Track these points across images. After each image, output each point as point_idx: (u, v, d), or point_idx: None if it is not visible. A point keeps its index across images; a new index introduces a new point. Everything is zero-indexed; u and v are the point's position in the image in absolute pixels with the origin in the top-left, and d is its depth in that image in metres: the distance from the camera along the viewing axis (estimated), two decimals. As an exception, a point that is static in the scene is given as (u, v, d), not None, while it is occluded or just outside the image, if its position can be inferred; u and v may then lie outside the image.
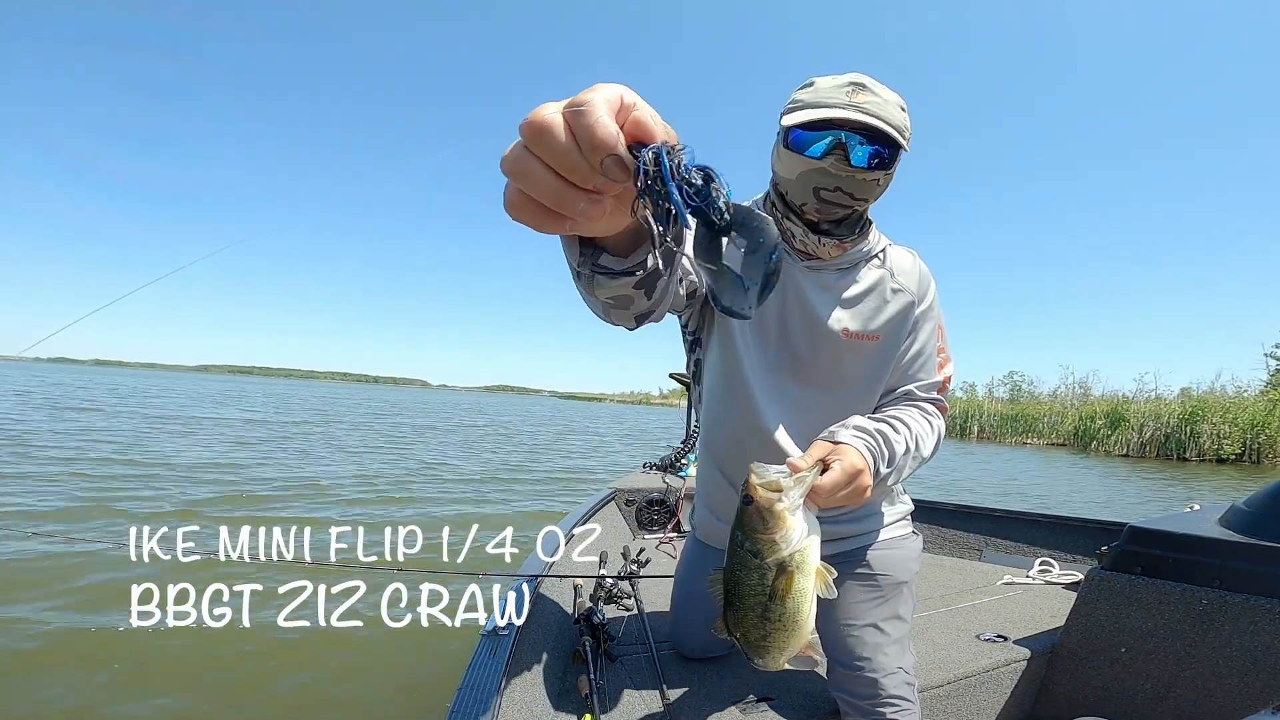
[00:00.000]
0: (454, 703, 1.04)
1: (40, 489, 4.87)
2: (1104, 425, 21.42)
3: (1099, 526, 2.36)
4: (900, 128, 0.98)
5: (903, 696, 1.13)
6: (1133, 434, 20.06)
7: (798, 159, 1.01)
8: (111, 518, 4.23)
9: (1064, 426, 23.68)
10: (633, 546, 2.21)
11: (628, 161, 0.36)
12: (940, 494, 3.99)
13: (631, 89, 0.37)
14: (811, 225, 1.09)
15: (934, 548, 2.71)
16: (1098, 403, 24.64)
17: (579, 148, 0.36)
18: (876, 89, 0.99)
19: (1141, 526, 1.50)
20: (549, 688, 1.25)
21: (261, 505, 4.97)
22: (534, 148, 0.37)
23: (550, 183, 0.38)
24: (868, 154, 0.97)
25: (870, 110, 0.96)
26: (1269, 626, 1.26)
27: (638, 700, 1.27)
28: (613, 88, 0.37)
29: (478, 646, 1.25)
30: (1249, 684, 1.27)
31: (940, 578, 2.27)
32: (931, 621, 1.77)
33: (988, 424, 26.59)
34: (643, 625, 1.51)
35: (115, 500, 4.68)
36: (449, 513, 5.25)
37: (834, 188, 1.01)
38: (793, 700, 1.31)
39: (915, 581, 1.29)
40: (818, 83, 1.02)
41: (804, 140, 0.99)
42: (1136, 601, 1.43)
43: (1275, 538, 1.32)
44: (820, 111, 0.97)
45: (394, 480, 6.74)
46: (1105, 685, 1.47)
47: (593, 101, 0.36)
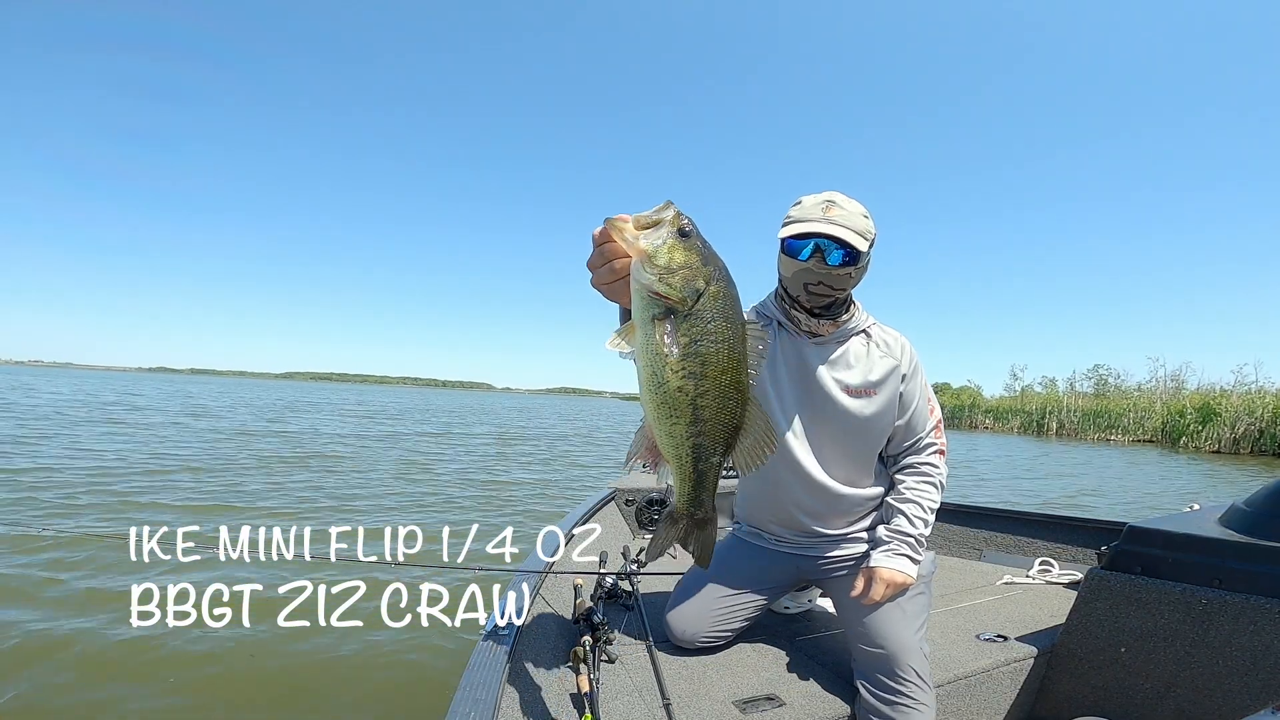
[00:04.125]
0: (454, 703, 1.04)
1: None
2: (1194, 420, 19.90)
3: (1099, 526, 2.35)
4: (862, 232, 1.30)
5: (922, 679, 1.28)
6: (1225, 429, 18.68)
7: (791, 262, 1.34)
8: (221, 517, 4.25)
9: (1151, 422, 22.15)
10: (633, 546, 2.21)
11: None
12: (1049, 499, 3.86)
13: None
14: (809, 311, 1.40)
15: (934, 547, 2.71)
16: (1190, 397, 22.84)
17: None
18: (844, 204, 1.32)
19: (1141, 526, 1.49)
20: (549, 687, 1.25)
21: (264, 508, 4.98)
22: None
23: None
24: (840, 256, 1.30)
25: (839, 221, 1.29)
26: (1269, 626, 1.25)
27: (637, 699, 1.26)
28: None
29: (478, 646, 1.25)
30: (1249, 684, 1.27)
31: (940, 578, 2.26)
32: (931, 621, 1.77)
33: (1067, 420, 25.03)
34: (642, 624, 1.51)
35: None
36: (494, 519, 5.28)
37: (818, 281, 1.34)
38: (792, 700, 1.31)
39: (931, 589, 1.49)
40: (803, 201, 1.35)
41: (794, 248, 1.32)
42: (1136, 601, 1.43)
43: (1275, 538, 1.32)
44: (803, 225, 1.30)
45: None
46: (1105, 685, 1.47)
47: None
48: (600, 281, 0.87)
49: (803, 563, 1.54)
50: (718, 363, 0.79)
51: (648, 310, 0.79)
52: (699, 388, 0.79)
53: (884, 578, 1.35)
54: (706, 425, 0.81)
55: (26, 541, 3.48)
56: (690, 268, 0.77)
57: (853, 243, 1.28)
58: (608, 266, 0.84)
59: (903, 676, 1.27)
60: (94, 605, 2.74)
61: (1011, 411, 28.89)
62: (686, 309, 0.78)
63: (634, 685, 1.32)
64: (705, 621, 1.50)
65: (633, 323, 0.81)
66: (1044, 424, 25.63)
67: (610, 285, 0.86)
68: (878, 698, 1.27)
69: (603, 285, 0.88)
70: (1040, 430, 25.52)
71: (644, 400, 0.83)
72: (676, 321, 0.78)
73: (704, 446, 0.83)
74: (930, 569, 1.48)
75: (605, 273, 0.85)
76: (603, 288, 0.88)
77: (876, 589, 1.35)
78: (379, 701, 2.16)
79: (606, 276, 0.85)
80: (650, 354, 0.80)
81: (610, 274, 0.85)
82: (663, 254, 0.77)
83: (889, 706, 1.25)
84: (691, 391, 0.79)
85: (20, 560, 3.24)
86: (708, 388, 0.79)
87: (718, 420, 0.81)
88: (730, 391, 0.81)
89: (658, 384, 0.80)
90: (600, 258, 0.85)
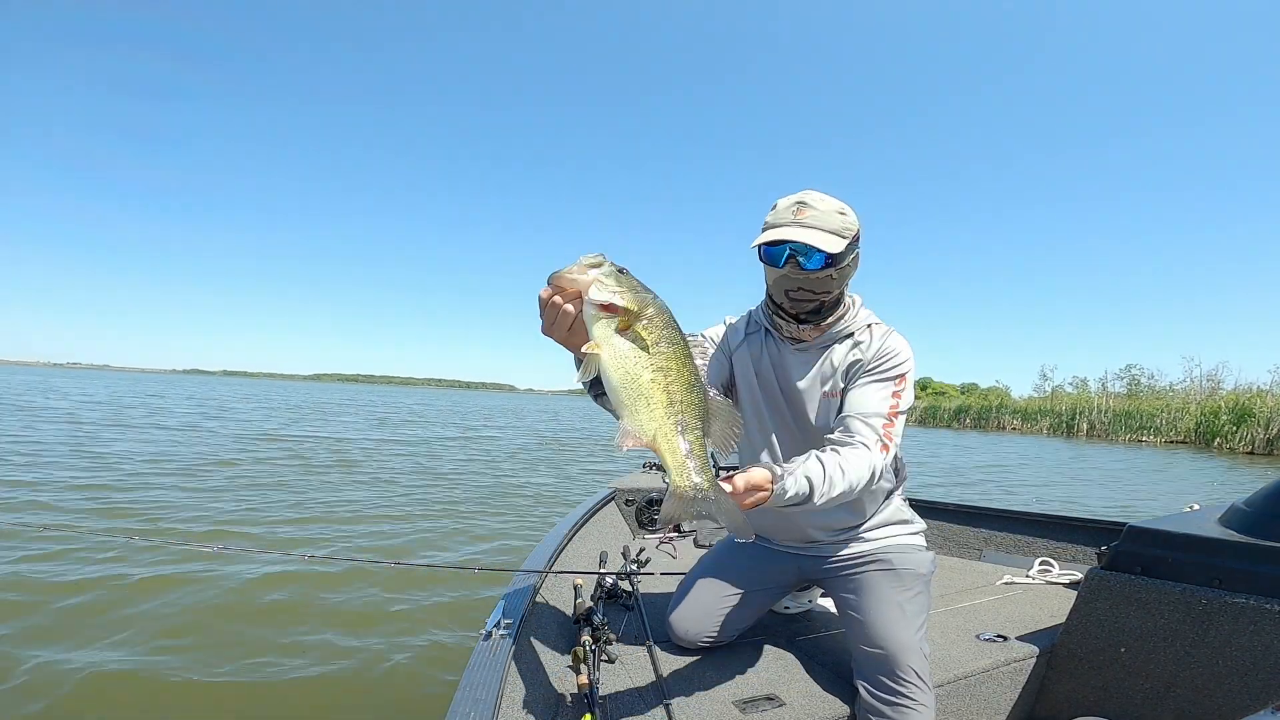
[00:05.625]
0: (454, 703, 1.04)
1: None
2: (1228, 421, 19.25)
3: (1099, 526, 2.35)
4: (838, 231, 1.25)
5: (921, 678, 1.26)
6: (1259, 430, 18.03)
7: (770, 270, 1.33)
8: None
9: (1184, 422, 21.38)
10: (633, 546, 2.21)
11: None
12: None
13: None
14: (795, 317, 1.37)
15: (934, 547, 2.69)
16: (1226, 397, 22.05)
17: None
18: (817, 203, 1.26)
19: (1141, 526, 1.49)
20: (549, 687, 1.25)
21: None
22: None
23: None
24: (818, 260, 1.25)
25: (811, 224, 1.24)
26: (1269, 626, 1.25)
27: (637, 699, 1.27)
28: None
29: (477, 646, 1.25)
30: (1249, 684, 1.27)
31: (940, 578, 2.26)
32: (931, 621, 1.77)
33: (1098, 421, 24.44)
34: (642, 624, 1.51)
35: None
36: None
37: (798, 288, 1.31)
38: (792, 700, 1.31)
39: (930, 586, 1.46)
40: (777, 204, 1.31)
41: (770, 255, 1.30)
42: (1136, 601, 1.43)
43: (1275, 538, 1.32)
44: (775, 232, 1.25)
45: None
46: (1105, 685, 1.47)
47: None
48: (558, 328, 0.96)
49: (804, 563, 1.54)
50: (678, 356, 0.93)
51: (609, 326, 0.92)
52: (668, 378, 0.92)
53: (750, 479, 1.07)
54: (682, 406, 0.93)
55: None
56: (635, 286, 0.93)
57: (825, 246, 1.23)
58: (562, 311, 0.94)
59: (902, 677, 1.25)
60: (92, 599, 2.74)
61: (1040, 412, 28.23)
62: (644, 316, 0.92)
63: (634, 685, 1.32)
64: (707, 622, 1.50)
65: (595, 344, 0.92)
66: (1074, 425, 25.18)
67: (568, 330, 0.96)
68: (877, 698, 1.26)
69: (559, 330, 0.97)
70: (1070, 431, 25.06)
71: (622, 402, 0.93)
72: (635, 329, 0.92)
73: (685, 423, 0.93)
74: (930, 568, 1.47)
75: (562, 318, 0.94)
76: (559, 333, 0.97)
77: (736, 484, 1.06)
78: (379, 701, 2.16)
79: (564, 321, 0.95)
80: (621, 360, 0.92)
81: (566, 318, 0.94)
82: (612, 277, 0.92)
83: (889, 707, 1.24)
84: (663, 382, 0.92)
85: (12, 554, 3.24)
86: (674, 377, 0.92)
87: (689, 401, 0.93)
88: (694, 379, 0.95)
89: (633, 383, 0.92)
90: (553, 308, 0.94)
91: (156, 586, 2.96)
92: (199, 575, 3.12)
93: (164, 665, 2.27)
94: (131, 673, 2.20)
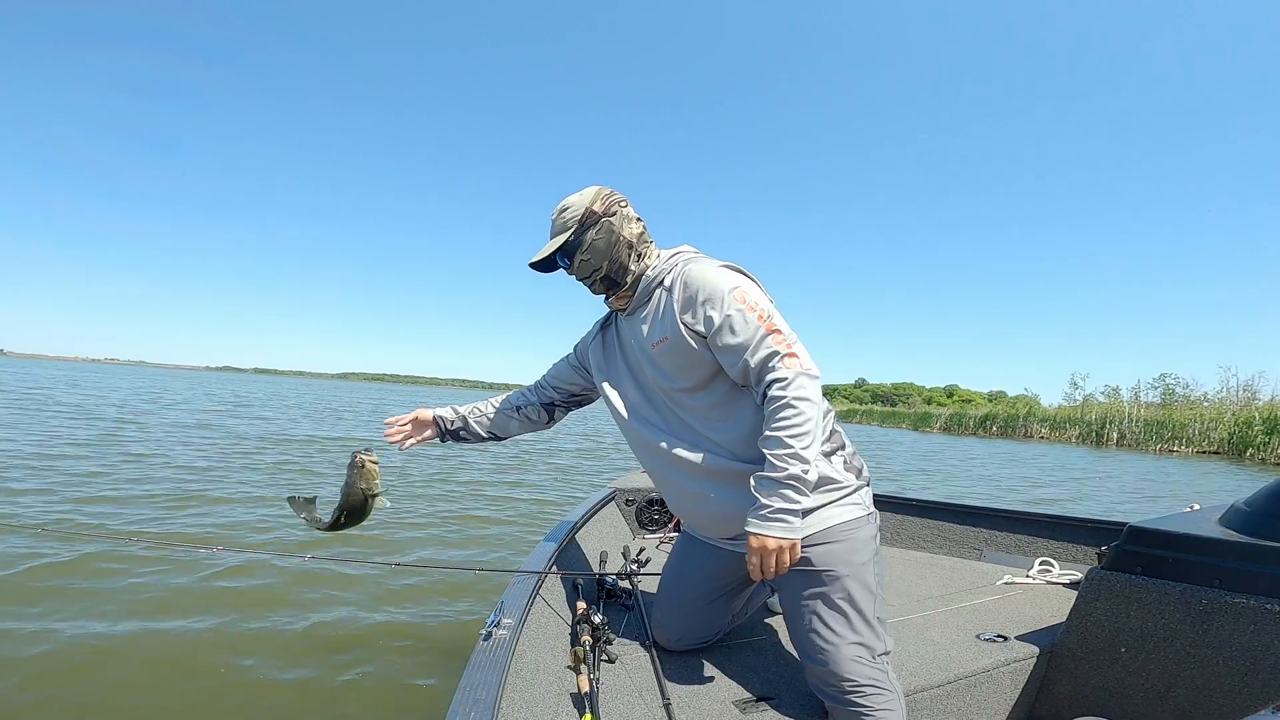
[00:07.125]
0: (454, 703, 1.04)
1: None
2: (1261, 430, 18.94)
3: (1099, 526, 2.35)
4: (561, 227, 1.38)
5: (871, 681, 1.17)
6: None
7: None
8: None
9: (1218, 433, 21.03)
10: (633, 546, 2.21)
11: None
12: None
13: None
14: (601, 293, 1.47)
15: (934, 547, 2.71)
16: (1260, 407, 21.76)
17: None
18: (554, 215, 1.40)
19: (1141, 526, 1.49)
20: (549, 687, 1.25)
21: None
22: None
23: None
24: (562, 258, 1.41)
25: (551, 234, 1.41)
26: (1269, 626, 1.25)
27: (637, 700, 1.27)
28: None
29: (477, 646, 1.25)
30: (1249, 684, 1.27)
31: (940, 577, 2.26)
32: (931, 621, 1.77)
33: (1128, 430, 24.01)
34: (643, 625, 1.51)
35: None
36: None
37: (580, 279, 1.45)
38: (792, 700, 1.31)
39: (871, 565, 1.26)
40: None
41: (550, 269, 1.46)
42: (1136, 601, 1.43)
43: (1275, 538, 1.32)
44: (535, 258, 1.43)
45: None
46: (1105, 685, 1.47)
47: None
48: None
49: (739, 559, 1.37)
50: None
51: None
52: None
53: (754, 548, 1.15)
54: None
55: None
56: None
57: (553, 247, 1.37)
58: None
59: (848, 689, 1.17)
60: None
61: (1069, 421, 27.67)
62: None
63: (634, 685, 1.32)
64: (684, 627, 1.48)
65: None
66: (1104, 434, 24.78)
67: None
68: (838, 713, 1.20)
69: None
70: (1099, 440, 24.66)
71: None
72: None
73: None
74: (866, 545, 1.26)
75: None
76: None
77: (753, 562, 1.16)
78: (379, 701, 2.16)
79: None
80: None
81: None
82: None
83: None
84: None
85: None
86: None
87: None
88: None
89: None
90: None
91: (162, 590, 2.97)
92: (199, 574, 3.13)
93: (165, 664, 2.27)
94: (132, 673, 2.21)
